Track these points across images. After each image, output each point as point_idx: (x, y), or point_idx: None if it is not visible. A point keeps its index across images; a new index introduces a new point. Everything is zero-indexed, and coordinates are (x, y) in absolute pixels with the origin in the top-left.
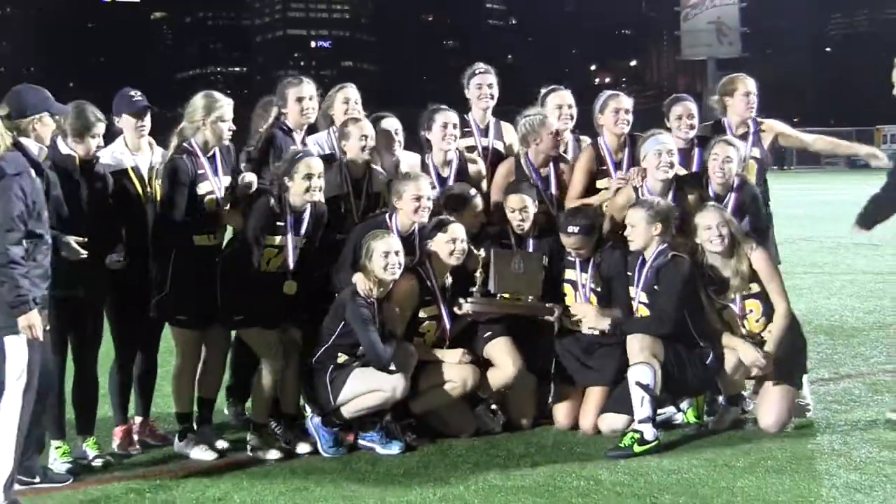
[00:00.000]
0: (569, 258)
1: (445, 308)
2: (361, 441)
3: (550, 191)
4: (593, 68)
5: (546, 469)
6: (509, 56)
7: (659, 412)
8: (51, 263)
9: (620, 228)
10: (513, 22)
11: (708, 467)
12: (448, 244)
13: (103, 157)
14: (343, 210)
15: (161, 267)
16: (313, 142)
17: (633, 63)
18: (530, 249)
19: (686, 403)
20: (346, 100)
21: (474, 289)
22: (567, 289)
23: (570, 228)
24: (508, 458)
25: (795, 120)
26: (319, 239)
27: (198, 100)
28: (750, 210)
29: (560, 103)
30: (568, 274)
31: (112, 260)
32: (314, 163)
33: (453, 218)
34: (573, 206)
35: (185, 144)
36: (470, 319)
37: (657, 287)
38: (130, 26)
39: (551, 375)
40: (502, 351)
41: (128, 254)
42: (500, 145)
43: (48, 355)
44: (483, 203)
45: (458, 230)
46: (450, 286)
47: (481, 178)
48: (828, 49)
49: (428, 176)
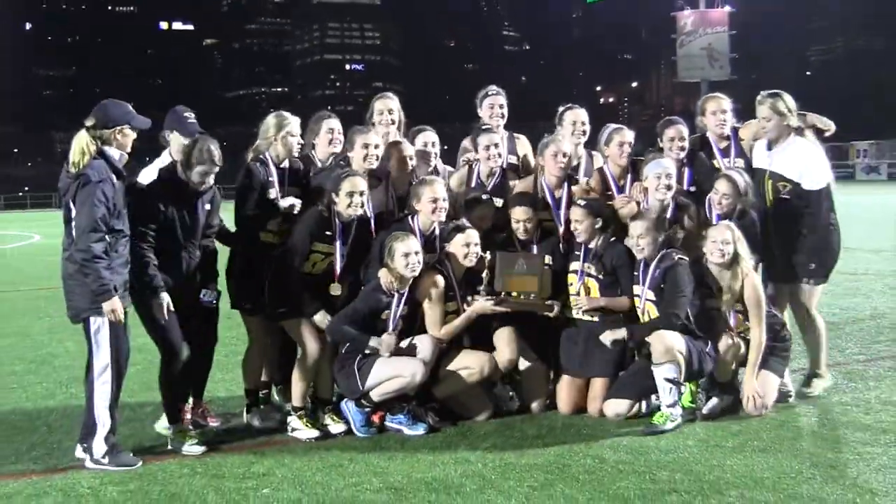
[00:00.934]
0: (575, 252)
1: (462, 297)
2: (390, 423)
3: (561, 211)
4: (598, 89)
5: (556, 449)
6: (523, 77)
7: (656, 397)
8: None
9: (624, 232)
10: (526, 47)
11: (701, 447)
12: (463, 247)
13: (148, 172)
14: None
15: (230, 258)
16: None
17: (635, 84)
18: (535, 251)
19: (684, 389)
20: (382, 110)
21: (481, 287)
22: (571, 278)
23: (580, 201)
24: (522, 439)
25: None
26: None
27: (270, 119)
28: (747, 236)
29: (574, 120)
30: (573, 265)
31: (204, 300)
32: (357, 181)
33: (469, 224)
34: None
35: (260, 156)
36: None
37: (664, 286)
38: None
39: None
40: (503, 339)
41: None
42: (514, 158)
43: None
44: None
45: (473, 235)
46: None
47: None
48: (808, 73)
49: (445, 181)
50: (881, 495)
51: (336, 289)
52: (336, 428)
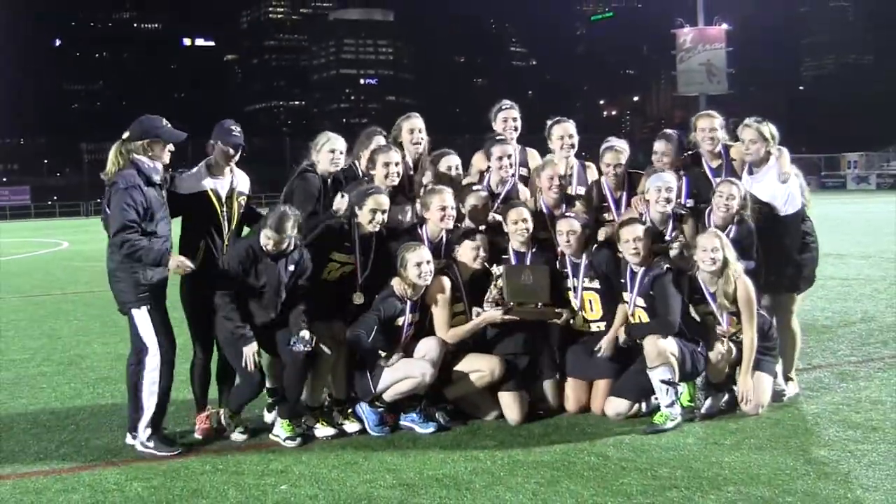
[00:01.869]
0: (564, 271)
1: (468, 301)
2: (403, 422)
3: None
4: (602, 102)
5: (562, 447)
6: (530, 92)
7: (655, 397)
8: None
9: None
10: (533, 63)
11: (700, 445)
12: (473, 251)
13: (186, 181)
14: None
15: None
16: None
17: (636, 98)
18: (528, 260)
19: (681, 388)
20: (412, 129)
21: (489, 296)
22: (568, 295)
23: (569, 213)
24: (529, 437)
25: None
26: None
27: (320, 135)
28: (745, 244)
29: (562, 134)
30: (568, 283)
31: (295, 348)
32: (381, 200)
33: (479, 232)
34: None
35: (309, 167)
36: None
37: (652, 293)
38: (206, 67)
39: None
40: (509, 398)
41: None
42: (525, 171)
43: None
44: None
45: (483, 241)
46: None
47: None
48: (801, 87)
49: (452, 190)
50: (870, 490)
51: (358, 297)
52: (351, 427)
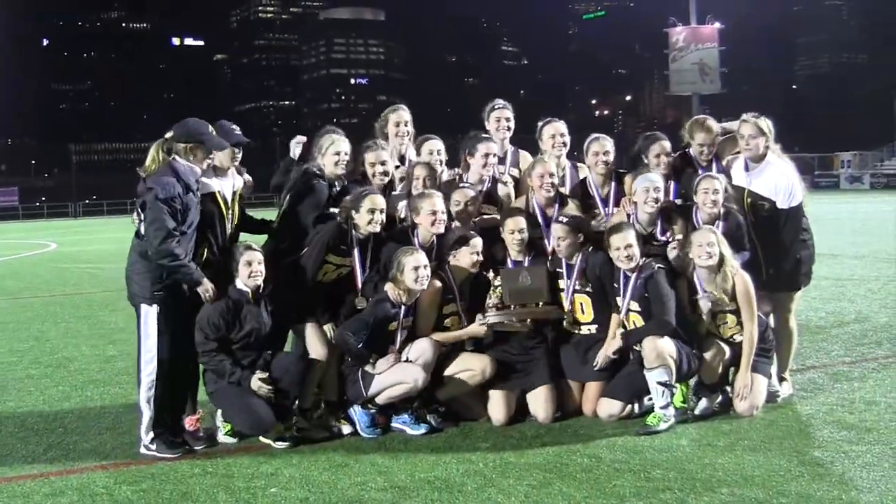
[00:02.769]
0: (557, 269)
1: (463, 306)
2: (394, 423)
3: (552, 229)
4: (594, 102)
5: (554, 448)
6: (521, 91)
7: (648, 398)
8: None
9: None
10: (525, 62)
11: (693, 446)
12: (472, 255)
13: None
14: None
15: None
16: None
17: (629, 98)
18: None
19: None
20: (398, 122)
21: (489, 302)
22: (560, 297)
23: (562, 218)
24: (521, 439)
25: None
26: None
27: (324, 137)
28: (735, 237)
29: (553, 133)
30: (560, 284)
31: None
32: (378, 199)
33: (474, 234)
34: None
35: (315, 169)
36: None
37: (647, 295)
38: (195, 66)
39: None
40: (498, 398)
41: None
42: (516, 172)
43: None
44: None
45: (478, 243)
46: (468, 294)
47: (510, 201)
48: (794, 86)
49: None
50: (865, 491)
51: (361, 302)
52: (342, 429)
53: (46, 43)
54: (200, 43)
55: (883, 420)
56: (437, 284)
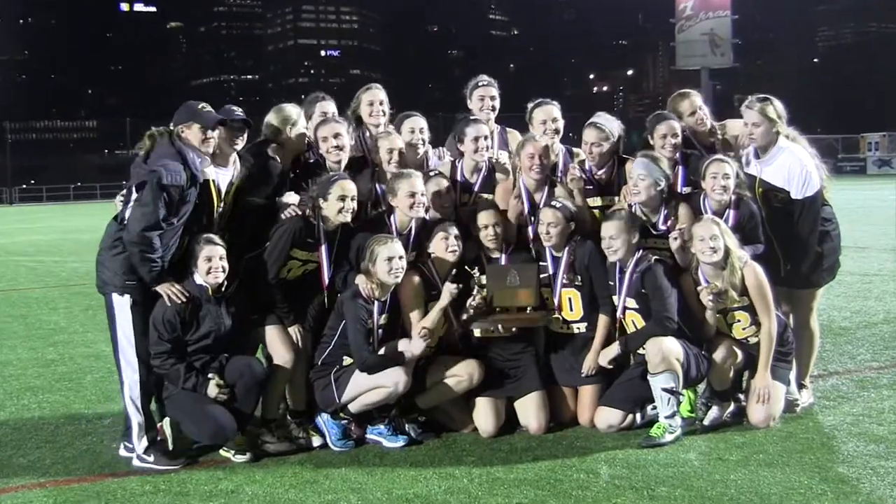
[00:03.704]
0: (542, 264)
1: (451, 307)
2: (369, 435)
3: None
4: (592, 77)
5: (547, 463)
6: (511, 65)
7: (652, 406)
8: None
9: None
10: (515, 32)
11: (702, 460)
12: (443, 241)
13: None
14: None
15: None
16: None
17: (630, 72)
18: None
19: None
20: (372, 102)
21: (471, 301)
22: (545, 291)
23: (554, 202)
24: (511, 452)
25: None
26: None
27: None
28: (748, 227)
29: (544, 118)
30: (544, 276)
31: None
32: (348, 185)
33: (449, 221)
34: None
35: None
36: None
37: (644, 291)
38: (147, 36)
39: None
40: (484, 406)
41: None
42: (505, 155)
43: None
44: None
45: (451, 228)
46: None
47: (509, 180)
48: (815, 60)
49: (423, 174)
50: None
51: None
52: (310, 441)
53: None
54: (152, 9)
55: None
56: (416, 280)
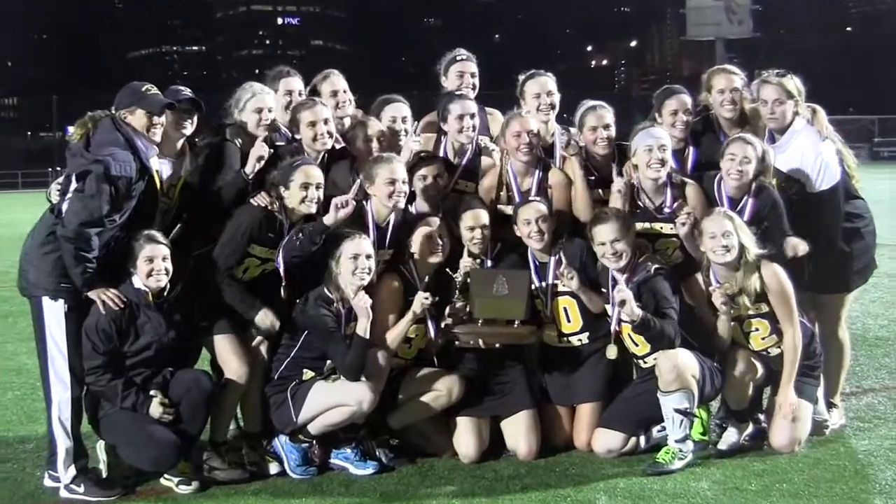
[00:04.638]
0: (531, 265)
1: (430, 313)
2: (334, 460)
3: None
4: (589, 49)
5: (538, 493)
6: (496, 35)
7: (658, 428)
8: None
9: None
10: None
11: (717, 490)
12: (425, 241)
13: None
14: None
15: None
16: None
17: (633, 44)
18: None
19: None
20: (335, 91)
21: (449, 310)
22: (536, 302)
23: (531, 198)
24: (496, 481)
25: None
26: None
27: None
28: (769, 219)
29: (538, 91)
30: (534, 282)
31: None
32: (313, 171)
33: (433, 217)
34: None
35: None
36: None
37: (641, 303)
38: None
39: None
40: (466, 427)
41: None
42: (487, 139)
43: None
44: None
45: (435, 226)
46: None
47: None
48: (848, 28)
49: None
50: None
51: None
52: (268, 468)
53: None
54: None
55: None
56: (394, 284)
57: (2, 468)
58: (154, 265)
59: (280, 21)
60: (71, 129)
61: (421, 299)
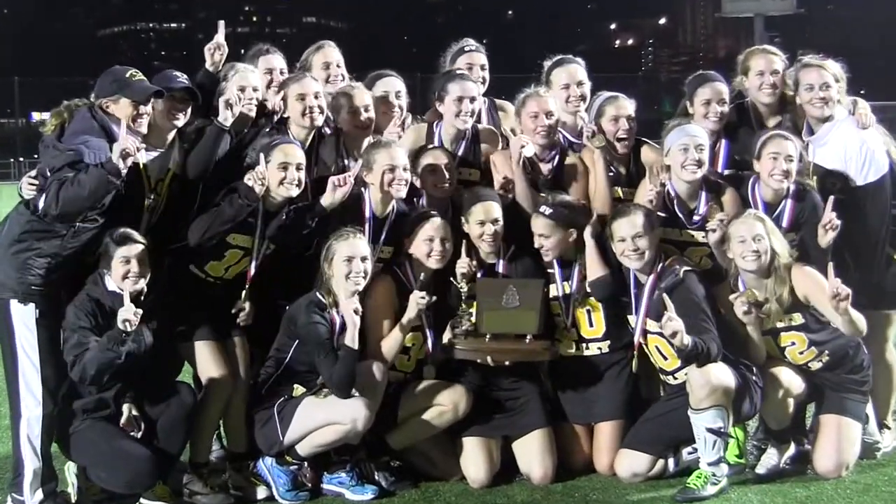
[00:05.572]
0: (549, 270)
1: (429, 321)
2: (327, 485)
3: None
4: (613, 28)
5: None
6: (509, 12)
7: (689, 450)
8: None
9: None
10: None
11: None
12: (426, 242)
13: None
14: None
15: None
16: None
17: (663, 21)
18: (500, 271)
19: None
20: (327, 64)
21: (454, 323)
22: (555, 307)
23: (543, 209)
24: None
25: (861, 92)
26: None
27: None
28: (809, 223)
29: (567, 81)
30: (552, 289)
31: None
32: (293, 151)
33: (434, 212)
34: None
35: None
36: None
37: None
38: None
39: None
40: (473, 450)
41: None
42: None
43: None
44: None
45: (437, 226)
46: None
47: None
48: None
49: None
50: None
51: (244, 300)
52: (252, 492)
53: None
54: None
55: None
56: (388, 286)
57: None
58: (130, 266)
59: None
60: (35, 116)
61: (417, 299)
